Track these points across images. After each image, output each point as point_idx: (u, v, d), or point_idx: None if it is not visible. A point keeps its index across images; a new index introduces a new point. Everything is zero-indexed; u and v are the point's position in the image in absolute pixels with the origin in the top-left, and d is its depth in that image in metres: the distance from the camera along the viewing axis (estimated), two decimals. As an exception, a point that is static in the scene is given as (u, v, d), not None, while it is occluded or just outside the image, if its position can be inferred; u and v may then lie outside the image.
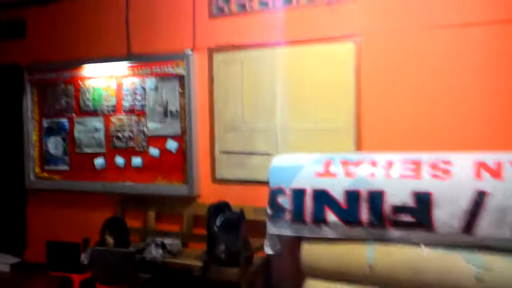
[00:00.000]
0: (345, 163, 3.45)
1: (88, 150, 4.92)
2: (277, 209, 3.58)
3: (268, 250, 3.69)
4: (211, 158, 4.43)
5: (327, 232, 3.42)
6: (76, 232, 4.46)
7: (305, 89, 4.05)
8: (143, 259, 3.99)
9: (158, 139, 4.60)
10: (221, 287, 3.94)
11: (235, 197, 4.23)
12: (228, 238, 3.85)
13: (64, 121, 5.04)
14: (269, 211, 3.63)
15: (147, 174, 4.65)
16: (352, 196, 3.31)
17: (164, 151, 4.57)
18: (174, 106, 4.52)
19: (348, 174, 3.39)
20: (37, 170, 5.20)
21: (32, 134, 5.20)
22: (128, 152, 4.73)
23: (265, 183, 3.75)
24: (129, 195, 4.76)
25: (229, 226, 3.89)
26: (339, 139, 3.94)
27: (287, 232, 3.56)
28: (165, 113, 4.56)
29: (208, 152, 4.44)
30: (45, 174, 5.17)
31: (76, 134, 4.97)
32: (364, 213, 3.28)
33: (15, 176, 5.33)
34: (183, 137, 4.48)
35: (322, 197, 3.41)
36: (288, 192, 3.53)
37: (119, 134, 4.76)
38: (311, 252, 3.49)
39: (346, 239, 3.39)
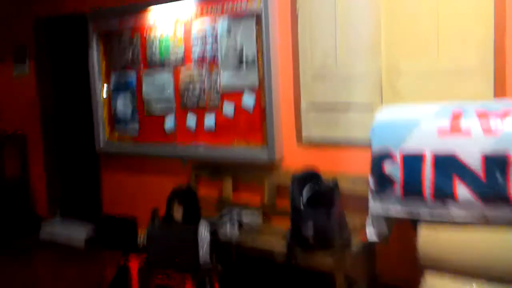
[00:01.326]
0: (483, 115, 2.42)
1: (157, 109, 4.28)
2: (383, 181, 2.68)
3: (371, 235, 2.81)
4: (296, 114, 3.56)
5: (455, 212, 2.47)
6: (149, 200, 3.86)
7: (421, 16, 3.00)
8: (216, 239, 3.30)
9: (233, 94, 3.82)
10: (309, 277, 3.15)
11: (327, 164, 3.36)
12: (318, 216, 3.01)
13: (132, 76, 4.44)
14: (372, 183, 2.74)
15: (221, 136, 3.92)
16: (495, 162, 2.33)
17: (240, 108, 3.79)
18: (250, 52, 3.69)
19: (488, 131, 2.37)
20: (107, 132, 4.69)
21: (100, 92, 4.67)
22: (199, 110, 4.01)
23: (366, 145, 2.84)
24: (202, 160, 4.07)
25: (319, 201, 3.04)
26: (471, 83, 2.87)
27: (397, 211, 2.65)
28: (240, 61, 3.74)
29: (292, 106, 3.57)
30: (116, 137, 4.65)
31: (144, 91, 4.35)
32: (515, 187, 2.26)
33: (86, 139, 4.88)
34: (261, 90, 3.65)
35: (449, 164, 2.46)
36: (398, 157, 2.61)
37: (189, 90, 4.04)
38: (432, 239, 2.57)
39: (484, 221, 2.39)
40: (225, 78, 3.83)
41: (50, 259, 4.57)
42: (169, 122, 4.21)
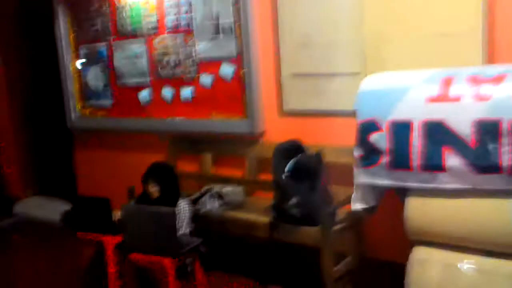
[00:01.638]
0: (474, 81, 2.32)
1: (131, 82, 4.07)
2: (369, 151, 2.58)
3: (357, 206, 2.72)
4: (277, 84, 3.41)
5: (445, 181, 2.38)
6: (126, 177, 3.70)
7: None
8: (196, 216, 3.18)
9: (210, 64, 3.64)
10: (294, 252, 3.06)
11: (310, 135, 3.24)
12: (302, 189, 2.91)
13: (102, 47, 4.20)
14: (357, 152, 2.63)
15: (199, 108, 3.75)
16: (487, 128, 2.24)
17: (218, 79, 3.61)
18: (227, 20, 3.49)
19: (479, 97, 2.27)
20: (78, 107, 4.47)
21: (69, 65, 4.42)
22: (176, 82, 3.82)
23: (351, 114, 2.71)
24: (180, 134, 3.91)
25: (303, 173, 2.93)
26: (460, 49, 2.74)
27: (383, 181, 2.57)
28: (217, 29, 3.55)
29: (274, 76, 3.42)
30: (87, 112, 4.44)
31: (116, 63, 4.13)
32: (506, 155, 2.17)
33: (57, 114, 4.65)
34: (240, 59, 3.47)
35: (438, 132, 2.37)
36: (385, 126, 2.50)
37: (164, 60, 3.84)
38: (420, 210, 2.49)
39: (475, 191, 2.32)
40: (202, 47, 3.64)
41: (25, 240, 4.39)
42: (144, 95, 4.02)
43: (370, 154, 2.57)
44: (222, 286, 3.20)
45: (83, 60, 4.36)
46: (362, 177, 2.63)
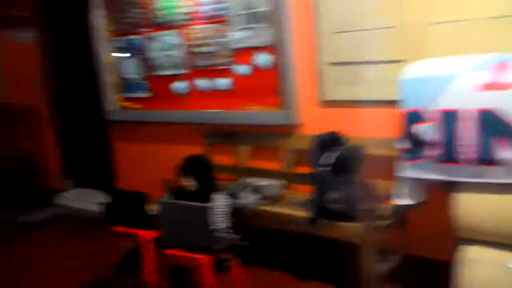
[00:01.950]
0: (531, 67, 2.12)
1: (166, 73, 4.03)
2: (414, 142, 2.44)
3: (401, 201, 2.57)
4: (314, 73, 3.28)
5: (497, 176, 2.21)
6: (162, 170, 3.66)
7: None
8: (232, 211, 3.11)
9: (245, 53, 3.54)
10: (333, 248, 2.95)
11: (349, 126, 3.10)
12: (341, 183, 2.78)
13: (138, 38, 4.17)
14: (401, 145, 2.49)
15: (235, 99, 3.66)
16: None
17: (254, 68, 3.51)
18: (262, 7, 3.38)
19: (537, 84, 2.07)
20: (117, 99, 4.47)
21: (105, 57, 4.43)
22: (211, 73, 3.75)
23: (392, 104, 2.57)
24: (216, 126, 3.84)
25: (342, 166, 2.81)
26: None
27: (430, 175, 2.42)
28: (252, 17, 3.44)
29: (311, 65, 3.28)
30: (124, 104, 4.43)
31: (151, 54, 4.09)
32: None
33: (96, 107, 4.67)
34: (276, 47, 3.35)
35: (490, 123, 2.19)
36: (430, 116, 2.33)
37: (199, 51, 3.77)
38: (470, 206, 2.32)
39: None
40: (237, 36, 3.54)
41: (65, 232, 4.45)
42: (180, 86, 3.97)
43: (415, 147, 2.43)
44: (259, 281, 3.12)
45: (119, 52, 4.33)
46: (407, 171, 2.49)
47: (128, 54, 4.28)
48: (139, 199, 2.70)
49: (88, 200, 4.89)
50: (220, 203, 3.04)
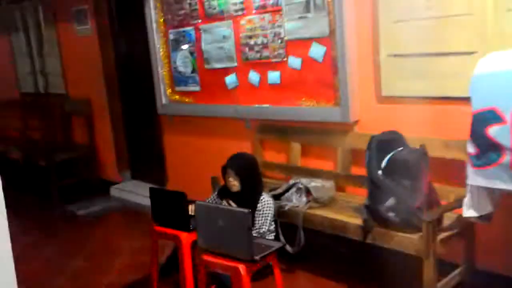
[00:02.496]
0: None
1: (218, 65, 3.88)
2: (487, 147, 2.12)
3: (470, 213, 2.26)
4: (374, 66, 3.00)
5: None
6: (212, 164, 3.51)
7: None
8: (280, 213, 2.92)
9: (299, 44, 3.31)
10: (391, 257, 2.68)
11: (412, 125, 2.81)
12: (401, 189, 2.51)
13: (190, 30, 4.05)
14: (472, 149, 2.17)
15: (287, 94, 3.45)
16: None
17: (308, 61, 3.27)
18: (319, -6, 3.13)
19: None
20: (168, 92, 4.39)
21: (159, 50, 4.35)
22: (263, 65, 3.55)
23: (463, 101, 2.25)
24: (267, 121, 3.65)
25: (403, 170, 2.52)
26: None
27: (504, 185, 2.08)
28: (307, 6, 3.20)
29: (371, 57, 3.01)
30: (177, 97, 4.34)
31: (203, 46, 3.95)
32: None
33: (150, 100, 4.61)
34: (332, 38, 3.10)
35: None
36: (508, 118, 2.01)
37: (251, 42, 3.58)
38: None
39: None
40: (291, 27, 3.32)
41: (115, 226, 4.45)
42: (231, 80, 3.80)
43: (487, 151, 2.11)
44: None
45: (172, 44, 4.24)
46: (476, 179, 2.17)
47: (181, 46, 4.16)
48: (180, 199, 2.56)
49: (143, 194, 4.86)
50: (265, 205, 2.86)
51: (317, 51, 3.20)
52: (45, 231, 4.40)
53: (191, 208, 2.54)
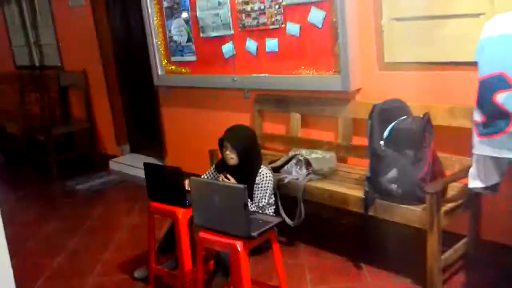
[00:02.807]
0: None
1: (214, 34, 3.73)
2: (494, 114, 2.00)
3: (476, 184, 2.16)
4: (376, 31, 2.86)
5: None
6: (210, 137, 3.42)
7: None
8: (280, 186, 2.84)
9: (297, 9, 3.16)
10: (393, 230, 2.62)
11: (416, 92, 2.70)
12: (404, 160, 2.41)
13: (184, -3, 3.88)
14: (478, 116, 2.06)
15: (286, 62, 3.32)
16: None
17: (307, 27, 3.13)
18: (318, -45, 2.96)
19: None
20: (164, 63, 4.26)
21: (153, 18, 4.19)
22: (260, 33, 3.41)
23: (470, 66, 2.13)
24: (266, 91, 3.53)
25: (406, 140, 2.42)
26: None
27: (510, 153, 1.96)
28: (306, -32, 3.03)
29: (372, 22, 2.86)
30: (173, 67, 4.20)
31: (198, 14, 3.80)
32: None
33: (145, 71, 4.48)
34: (331, 2, 2.95)
35: None
36: (517, 82, 1.88)
37: (247, 8, 3.43)
38: None
39: None
40: (288, -9, 3.17)
41: (113, 201, 4.40)
42: (228, 48, 3.66)
43: (495, 119, 1.99)
44: (305, 263, 2.85)
45: (166, 13, 4.08)
46: (483, 148, 2.06)
47: (175, 15, 4.01)
48: (176, 175, 2.48)
49: (142, 167, 4.78)
50: (263, 178, 2.77)
51: (316, 16, 3.05)
52: (43, 207, 4.35)
53: (187, 183, 2.45)
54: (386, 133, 2.47)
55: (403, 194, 2.41)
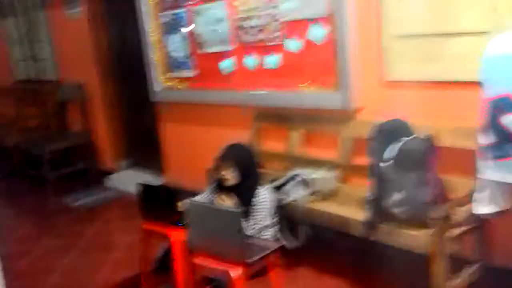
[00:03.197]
0: None
1: (212, 49, 3.67)
2: (500, 136, 1.94)
3: (482, 209, 2.07)
4: (378, 47, 2.78)
5: None
6: (208, 153, 3.32)
7: None
8: (280, 202, 2.76)
9: (297, 25, 3.10)
10: (396, 255, 2.52)
11: (419, 111, 2.61)
12: (408, 182, 2.32)
13: (182, 12, 3.82)
14: (484, 139, 1.98)
15: (285, 78, 3.25)
16: None
17: (307, 43, 3.06)
18: (317, -29, 2.90)
19: None
20: (161, 78, 4.19)
21: (150, 34, 4.13)
22: (259, 49, 3.34)
23: (474, 85, 2.06)
24: (264, 108, 3.45)
25: (408, 160, 2.33)
26: None
27: (521, 179, 1.89)
28: (305, -17, 2.97)
29: (374, 38, 2.79)
30: (170, 83, 4.14)
31: (196, 29, 3.74)
32: None
33: (144, 85, 4.41)
34: (332, 18, 2.88)
35: None
36: (526, 104, 1.80)
37: (246, 24, 3.37)
38: None
39: None
40: (287, 7, 3.10)
41: (108, 219, 4.30)
42: (226, 64, 3.60)
43: (502, 142, 1.91)
44: (309, 286, 2.75)
45: (165, 28, 4.02)
46: (490, 172, 1.98)
47: (173, 30, 3.95)
48: (171, 195, 2.39)
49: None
50: (262, 199, 2.68)
51: (316, 32, 2.99)
52: (37, 225, 4.26)
53: (181, 205, 2.36)
54: (388, 153, 2.38)
55: (407, 218, 2.32)
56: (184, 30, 3.85)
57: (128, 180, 4.93)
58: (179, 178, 4.36)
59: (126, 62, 4.93)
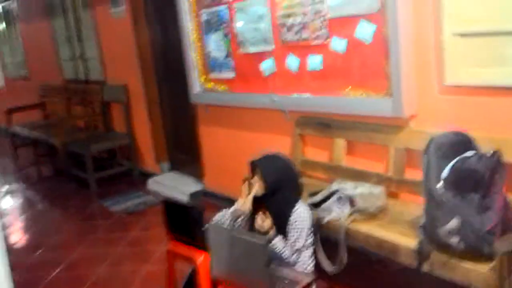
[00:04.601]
0: None
1: (253, 49, 3.42)
2: None
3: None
4: (436, 48, 2.43)
5: None
6: (247, 159, 3.09)
7: None
8: (319, 221, 2.47)
9: (344, 23, 2.78)
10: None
11: (484, 122, 2.24)
12: (467, 206, 1.97)
13: (223, 9, 3.60)
14: None
15: (330, 81, 2.94)
16: None
17: (354, 43, 2.74)
18: (368, -38, 2.58)
19: None
20: (202, 80, 3.99)
21: (190, 33, 3.94)
22: (302, 49, 3.06)
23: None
24: (308, 113, 3.17)
25: (469, 182, 1.99)
26: None
27: None
28: (354, -24, 2.66)
29: (431, 36, 2.44)
30: (211, 84, 3.93)
31: (237, 27, 3.50)
32: None
33: (185, 87, 4.23)
34: (383, 14, 2.55)
35: None
36: None
37: (289, 22, 3.09)
38: None
39: None
40: (333, 3, 2.80)
41: (154, 222, 4.15)
42: (267, 65, 3.34)
43: None
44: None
45: (205, 27, 3.81)
46: None
47: (213, 29, 3.73)
48: (197, 214, 2.16)
49: (179, 189, 4.55)
50: (299, 217, 2.40)
51: (365, 30, 2.66)
52: (76, 230, 4.17)
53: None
54: (445, 173, 2.04)
55: (465, 249, 1.97)
56: (223, 29, 3.62)
57: (169, 184, 4.79)
58: (218, 184, 4.17)
59: (167, 63, 4.78)
